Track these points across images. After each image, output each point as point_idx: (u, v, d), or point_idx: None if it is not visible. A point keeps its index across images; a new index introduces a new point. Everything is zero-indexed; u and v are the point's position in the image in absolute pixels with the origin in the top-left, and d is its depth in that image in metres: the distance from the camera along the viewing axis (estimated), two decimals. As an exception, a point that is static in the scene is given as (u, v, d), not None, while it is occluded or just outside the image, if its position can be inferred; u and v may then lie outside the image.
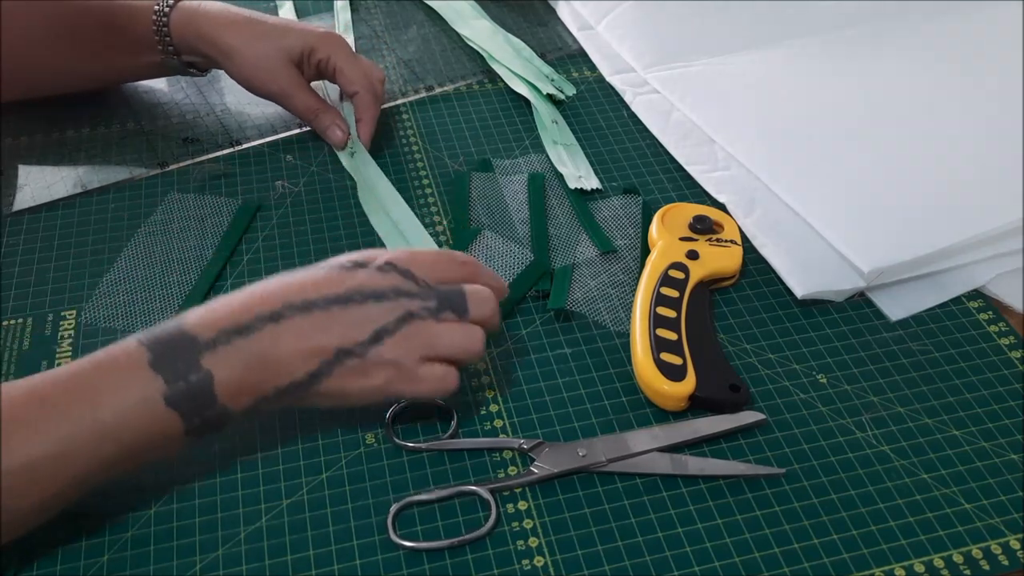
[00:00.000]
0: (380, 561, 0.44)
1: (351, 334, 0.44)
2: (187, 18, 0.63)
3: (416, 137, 0.69)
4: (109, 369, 0.42)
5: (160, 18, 0.63)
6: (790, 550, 0.45)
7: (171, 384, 0.41)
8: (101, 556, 0.45)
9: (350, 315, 0.44)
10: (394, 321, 0.45)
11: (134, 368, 0.42)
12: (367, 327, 0.44)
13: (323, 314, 0.44)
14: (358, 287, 0.45)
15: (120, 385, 0.41)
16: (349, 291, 0.45)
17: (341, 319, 0.44)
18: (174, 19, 0.63)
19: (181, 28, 0.63)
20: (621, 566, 0.44)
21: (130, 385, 0.41)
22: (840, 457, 0.49)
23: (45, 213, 0.63)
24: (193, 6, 0.64)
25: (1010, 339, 0.55)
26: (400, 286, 0.46)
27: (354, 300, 0.44)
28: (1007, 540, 0.45)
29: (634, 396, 0.52)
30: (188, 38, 0.63)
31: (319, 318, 0.44)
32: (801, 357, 0.54)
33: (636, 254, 0.59)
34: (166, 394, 0.41)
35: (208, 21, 0.63)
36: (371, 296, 0.45)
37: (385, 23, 0.81)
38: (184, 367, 0.42)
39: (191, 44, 0.64)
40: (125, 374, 0.42)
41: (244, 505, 0.47)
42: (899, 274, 0.56)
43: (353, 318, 0.44)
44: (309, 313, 0.44)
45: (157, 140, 0.68)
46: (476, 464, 0.48)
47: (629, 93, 0.72)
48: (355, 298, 0.44)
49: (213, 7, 0.64)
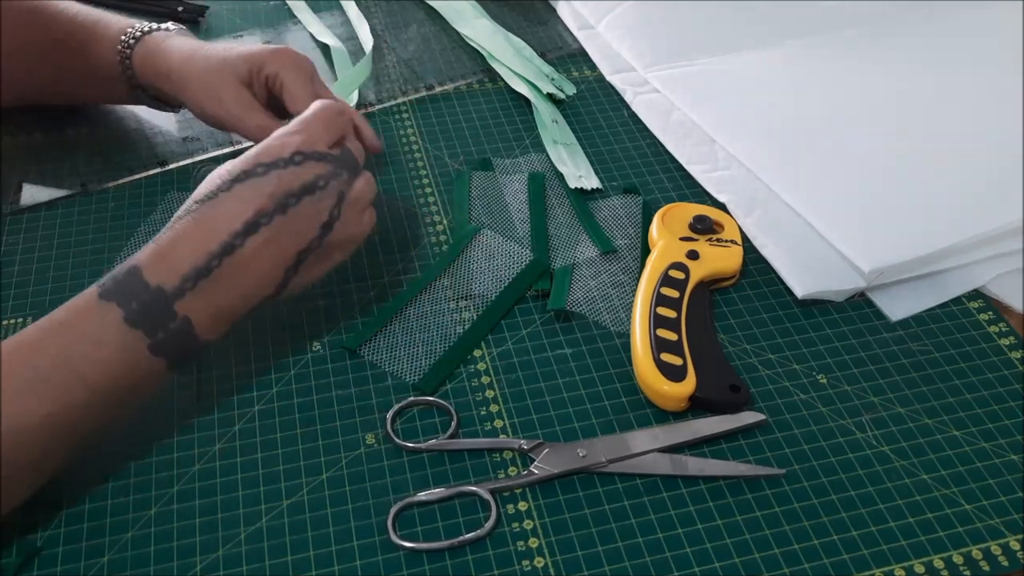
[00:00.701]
0: (380, 562, 0.44)
1: (303, 235, 0.47)
2: (149, 53, 0.60)
3: (416, 136, 0.69)
4: (83, 330, 0.43)
5: (124, 50, 0.61)
6: (790, 551, 0.45)
7: (152, 335, 0.43)
8: (101, 556, 0.45)
9: (294, 219, 0.47)
10: (333, 206, 0.48)
11: (109, 327, 0.43)
12: (314, 224, 0.47)
13: (270, 229, 0.46)
14: (287, 191, 0.46)
15: (101, 347, 0.43)
16: (282, 197, 0.46)
17: (289, 227, 0.46)
18: (137, 52, 0.61)
19: (142, 63, 0.61)
20: (621, 567, 0.44)
21: (111, 345, 0.43)
22: (840, 458, 0.49)
23: (45, 212, 0.63)
24: (156, 40, 0.61)
25: (1010, 339, 0.55)
26: (320, 172, 0.48)
27: (290, 204, 0.46)
28: (1007, 541, 0.45)
29: (634, 396, 0.52)
30: (148, 74, 0.61)
31: (268, 233, 0.46)
32: (801, 357, 0.54)
33: (636, 254, 0.59)
34: (149, 344, 0.43)
35: (166, 56, 0.60)
36: (304, 192, 0.47)
37: (385, 22, 0.81)
38: (161, 318, 0.44)
39: (151, 80, 0.61)
40: (102, 334, 0.43)
41: (244, 506, 0.47)
42: (899, 274, 0.56)
43: (298, 220, 0.47)
44: (257, 232, 0.46)
45: (157, 139, 0.68)
46: (476, 464, 0.48)
47: (629, 92, 0.72)
48: (290, 202, 0.46)
49: (175, 43, 0.61)
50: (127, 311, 0.43)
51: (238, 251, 0.45)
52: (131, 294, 0.43)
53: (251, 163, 0.47)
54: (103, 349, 0.42)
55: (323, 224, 0.48)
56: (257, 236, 0.46)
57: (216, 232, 0.45)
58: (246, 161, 0.47)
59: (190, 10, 0.81)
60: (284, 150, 0.47)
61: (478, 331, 0.55)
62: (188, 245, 0.45)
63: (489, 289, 0.57)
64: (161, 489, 0.47)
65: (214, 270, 0.45)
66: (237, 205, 0.46)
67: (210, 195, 0.46)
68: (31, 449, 0.41)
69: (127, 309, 0.43)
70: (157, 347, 0.44)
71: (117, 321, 0.43)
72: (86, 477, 0.47)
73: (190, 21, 0.81)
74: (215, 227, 0.45)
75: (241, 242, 0.45)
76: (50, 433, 0.42)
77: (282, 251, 0.47)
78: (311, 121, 0.50)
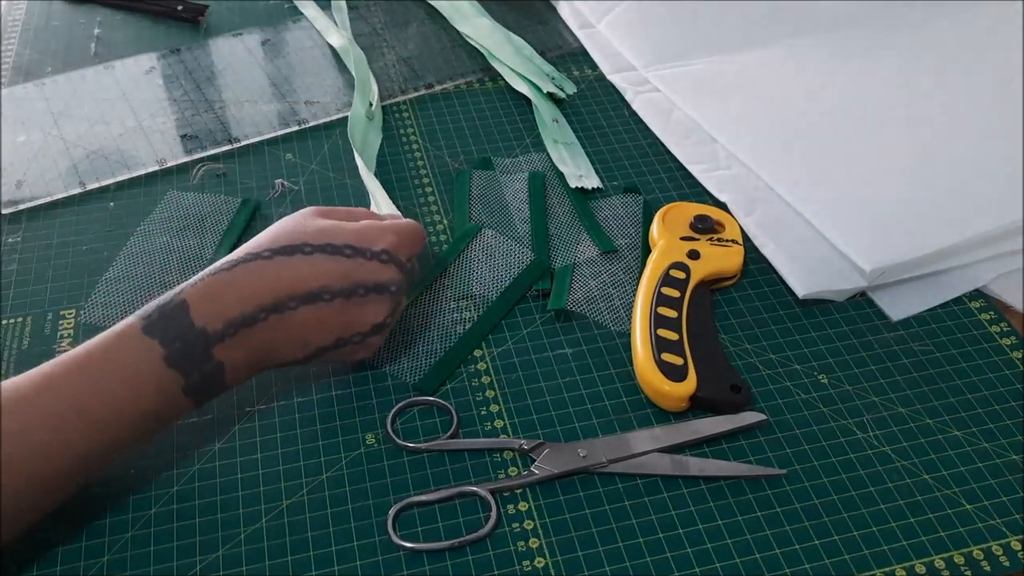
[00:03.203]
0: (380, 562, 0.44)
1: (352, 327, 0.47)
2: None
3: (416, 135, 0.69)
4: (125, 368, 0.42)
5: None
6: (791, 551, 0.45)
7: (188, 378, 0.43)
8: (101, 556, 0.45)
9: (353, 309, 0.46)
10: (389, 314, 0.48)
11: (150, 366, 0.42)
12: (368, 321, 0.47)
13: (328, 306, 0.45)
14: (362, 281, 0.46)
15: (139, 385, 0.42)
16: (354, 284, 0.46)
17: (345, 312, 0.46)
18: None
19: None
20: (622, 567, 0.44)
21: (150, 385, 0.42)
22: (841, 458, 0.49)
23: (45, 212, 0.63)
24: None
25: (1011, 339, 0.55)
26: (396, 279, 0.48)
27: (357, 294, 0.46)
28: (1008, 541, 0.45)
29: (635, 396, 0.51)
30: None
31: (324, 310, 0.45)
32: (802, 357, 0.54)
33: (637, 253, 0.59)
34: (184, 386, 0.43)
35: None
36: (374, 290, 0.47)
37: (385, 20, 0.81)
38: (198, 362, 0.43)
39: None
40: (142, 374, 0.42)
41: (244, 506, 0.47)
42: (900, 274, 0.56)
43: (356, 312, 0.47)
44: (313, 304, 0.45)
45: (156, 138, 0.68)
46: (476, 464, 0.48)
47: (630, 92, 0.72)
48: (359, 291, 0.46)
49: None
50: (170, 351, 0.42)
51: (289, 313, 0.45)
52: (175, 333, 0.42)
53: (342, 240, 0.46)
54: (141, 387, 0.42)
55: (375, 324, 0.47)
56: (313, 307, 0.45)
57: (277, 288, 0.44)
58: (339, 235, 0.47)
59: (190, 9, 0.81)
60: (376, 244, 0.47)
61: (478, 331, 0.55)
62: (243, 291, 0.44)
63: (489, 289, 0.57)
64: (161, 489, 0.47)
65: (259, 323, 0.44)
66: (309, 272, 0.45)
67: (290, 251, 0.45)
68: (59, 478, 0.41)
69: (170, 348, 0.42)
70: (190, 389, 0.43)
71: (158, 360, 0.42)
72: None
73: (190, 20, 0.81)
74: (278, 283, 0.44)
75: (296, 306, 0.45)
76: (82, 466, 0.41)
77: (327, 331, 0.46)
78: (405, 230, 0.50)
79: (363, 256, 0.47)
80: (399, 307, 0.49)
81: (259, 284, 0.44)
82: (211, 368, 0.43)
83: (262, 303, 0.44)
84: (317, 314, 0.45)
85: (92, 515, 0.46)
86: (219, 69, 0.75)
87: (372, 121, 0.68)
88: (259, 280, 0.44)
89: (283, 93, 0.72)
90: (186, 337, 0.42)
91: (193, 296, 0.43)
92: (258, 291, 0.44)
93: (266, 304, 0.44)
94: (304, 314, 0.45)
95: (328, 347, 0.47)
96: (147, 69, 0.75)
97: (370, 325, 0.47)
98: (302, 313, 0.45)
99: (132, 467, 0.48)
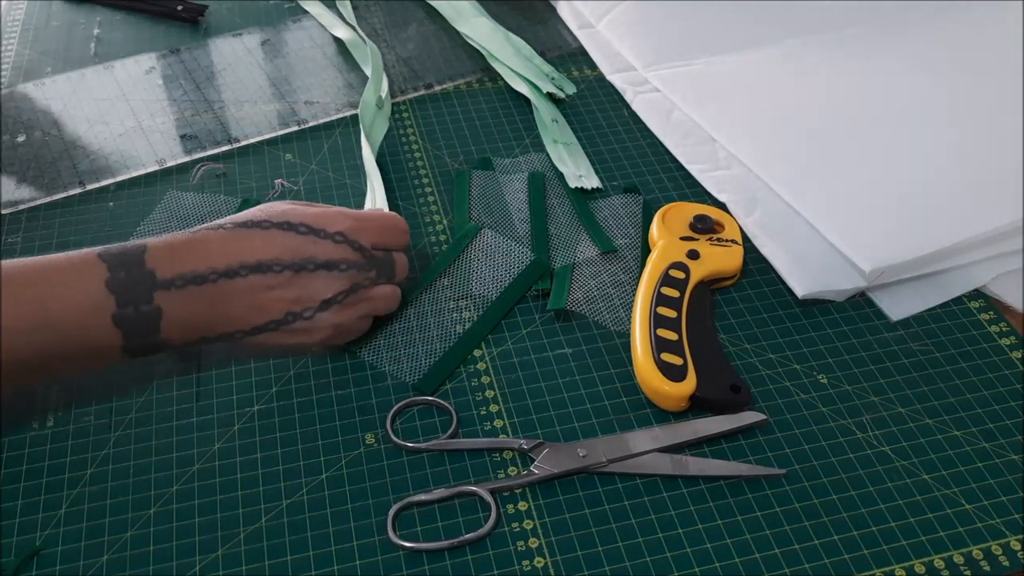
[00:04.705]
0: (380, 562, 0.44)
1: (301, 301, 0.48)
2: None
3: (416, 135, 0.69)
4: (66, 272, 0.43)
5: None
6: (791, 551, 0.45)
7: (121, 307, 0.44)
8: (100, 556, 0.45)
9: (302, 282, 0.48)
10: (342, 293, 0.49)
11: (90, 280, 0.43)
12: (316, 296, 0.48)
13: (276, 277, 0.47)
14: (311, 256, 0.48)
15: (73, 290, 0.43)
16: (304, 259, 0.47)
17: (293, 285, 0.47)
18: None
19: None
20: (622, 567, 0.44)
21: (83, 294, 0.43)
22: (841, 457, 0.49)
23: (45, 212, 0.63)
24: None
25: (1011, 339, 0.55)
26: (350, 258, 0.49)
27: (307, 268, 0.47)
28: (1008, 541, 0.45)
29: (634, 396, 0.51)
30: None
31: (272, 280, 0.47)
32: (802, 357, 0.54)
33: (637, 254, 0.59)
34: (115, 313, 0.44)
35: None
36: (323, 266, 0.48)
37: (384, 21, 0.81)
38: (137, 296, 0.44)
39: None
40: (80, 282, 0.43)
41: (244, 505, 0.47)
42: (900, 274, 0.56)
43: (305, 286, 0.48)
44: (263, 274, 0.47)
45: (156, 138, 0.68)
46: (476, 464, 0.48)
47: (630, 92, 0.72)
48: (308, 266, 0.47)
49: None
50: (113, 277, 0.44)
51: (238, 279, 0.46)
52: (124, 265, 0.44)
53: (299, 220, 0.48)
54: (77, 298, 0.43)
55: (324, 300, 0.48)
56: (262, 276, 0.46)
57: (230, 255, 0.46)
58: (297, 215, 0.48)
59: (190, 9, 0.81)
60: (332, 226, 0.49)
61: (478, 331, 0.55)
62: (200, 253, 0.46)
63: (489, 289, 0.57)
64: (160, 489, 0.47)
65: (208, 283, 0.45)
66: (263, 244, 0.47)
67: (249, 224, 0.47)
68: None
69: (114, 275, 0.44)
70: (120, 319, 0.44)
71: (99, 279, 0.43)
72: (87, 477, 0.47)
73: (190, 20, 0.81)
74: (232, 251, 0.46)
75: (246, 273, 0.46)
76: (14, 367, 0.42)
77: (275, 301, 0.47)
78: (369, 217, 0.51)
79: (317, 235, 0.48)
80: (359, 293, 0.50)
81: (215, 248, 0.46)
82: (148, 310, 0.44)
83: (214, 266, 0.46)
84: (266, 282, 0.47)
85: (91, 515, 0.46)
86: (219, 69, 0.75)
87: (381, 110, 0.68)
88: (216, 245, 0.46)
89: (283, 93, 0.72)
90: (132, 271, 0.44)
91: (154, 244, 0.45)
92: (213, 254, 0.46)
93: (218, 268, 0.46)
94: (253, 281, 0.46)
95: (278, 320, 0.47)
96: (147, 69, 0.75)
97: (318, 301, 0.48)
98: (251, 280, 0.46)
99: (131, 466, 0.48)
